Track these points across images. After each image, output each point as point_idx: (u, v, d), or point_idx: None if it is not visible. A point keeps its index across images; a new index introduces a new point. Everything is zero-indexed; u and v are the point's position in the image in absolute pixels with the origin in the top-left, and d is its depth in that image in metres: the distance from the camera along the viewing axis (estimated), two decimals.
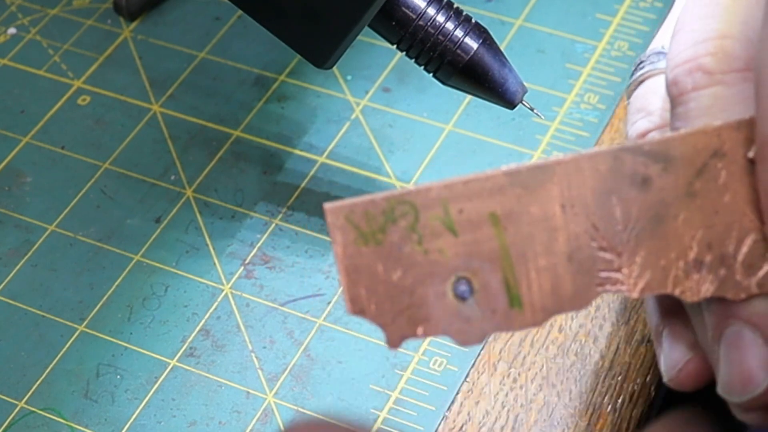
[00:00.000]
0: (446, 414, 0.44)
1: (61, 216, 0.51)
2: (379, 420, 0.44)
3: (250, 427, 0.44)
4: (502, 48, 0.47)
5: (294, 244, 0.50)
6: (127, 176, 0.53)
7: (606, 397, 0.44)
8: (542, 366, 0.45)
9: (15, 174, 0.53)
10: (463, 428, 0.44)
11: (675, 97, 0.34)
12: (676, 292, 0.32)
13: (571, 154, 0.31)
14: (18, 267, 0.50)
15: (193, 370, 0.46)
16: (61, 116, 0.55)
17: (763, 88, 0.30)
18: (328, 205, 0.30)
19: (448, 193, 0.30)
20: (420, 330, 0.31)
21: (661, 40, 0.40)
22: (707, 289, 0.32)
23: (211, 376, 0.46)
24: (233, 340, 0.47)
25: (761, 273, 0.31)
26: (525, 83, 0.46)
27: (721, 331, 0.32)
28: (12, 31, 0.59)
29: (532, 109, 0.47)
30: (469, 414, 0.44)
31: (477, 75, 0.46)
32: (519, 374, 0.45)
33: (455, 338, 0.31)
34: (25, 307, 0.48)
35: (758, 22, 0.32)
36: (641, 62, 0.39)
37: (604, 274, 0.31)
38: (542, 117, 0.49)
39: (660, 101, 0.37)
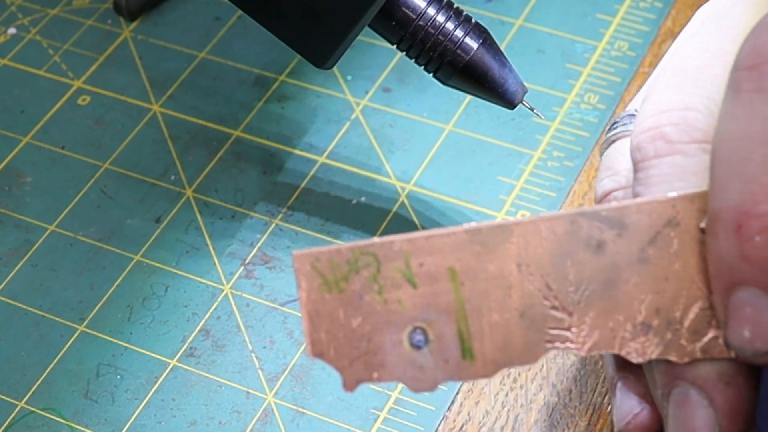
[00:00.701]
0: (446, 414, 0.44)
1: (61, 216, 0.51)
2: (379, 420, 0.44)
3: (250, 427, 0.44)
4: (502, 48, 0.47)
5: (294, 244, 0.50)
6: (127, 176, 0.53)
7: (606, 397, 0.44)
8: (542, 366, 0.45)
9: (15, 174, 0.53)
10: (463, 428, 0.44)
11: (637, 163, 0.35)
12: (623, 353, 0.33)
13: (530, 217, 0.32)
14: (18, 267, 0.50)
15: (193, 370, 0.46)
16: (61, 116, 0.55)
17: (716, 168, 0.31)
18: (296, 252, 0.32)
19: (409, 247, 0.32)
20: (375, 375, 0.32)
21: (636, 103, 0.41)
22: (653, 351, 0.33)
23: (211, 376, 0.46)
24: (233, 340, 0.47)
25: (706, 339, 0.33)
26: (525, 83, 0.46)
27: (669, 390, 0.34)
28: (12, 31, 0.59)
29: (532, 109, 0.47)
30: (469, 414, 0.44)
31: (477, 75, 0.46)
32: (519, 374, 0.45)
33: (408, 385, 0.32)
34: (25, 307, 0.48)
35: (721, 96, 0.33)
36: (615, 123, 0.41)
37: (554, 332, 0.32)
38: (542, 117, 0.49)
39: (626, 162, 0.39)
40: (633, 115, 0.40)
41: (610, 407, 0.43)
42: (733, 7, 0.36)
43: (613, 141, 0.40)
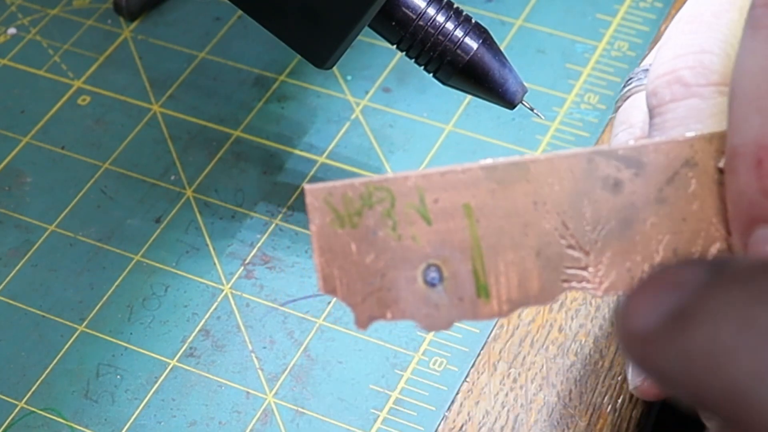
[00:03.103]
0: (446, 414, 0.44)
1: (61, 216, 0.51)
2: (379, 420, 0.44)
3: (250, 427, 0.44)
4: (502, 48, 0.47)
5: (294, 244, 0.50)
6: (127, 176, 0.53)
7: (606, 397, 0.44)
8: (542, 366, 0.45)
9: (15, 174, 0.53)
10: (463, 428, 0.44)
11: (653, 108, 0.35)
12: None
13: (547, 154, 0.32)
14: (18, 267, 0.50)
15: (193, 370, 0.46)
16: (61, 116, 0.55)
17: (735, 104, 0.31)
18: (308, 186, 0.31)
19: (424, 183, 0.31)
20: (388, 312, 0.31)
21: (650, 59, 0.41)
22: None
23: (211, 376, 0.46)
24: (233, 340, 0.47)
25: None
26: (525, 83, 0.46)
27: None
28: (12, 31, 0.59)
29: (532, 109, 0.47)
30: (469, 414, 0.44)
31: (477, 75, 0.46)
32: (519, 374, 0.45)
33: (422, 323, 0.31)
34: (25, 307, 0.48)
35: (737, 39, 0.32)
36: (629, 79, 0.40)
37: (570, 271, 0.32)
38: (542, 117, 0.49)
39: (642, 115, 0.38)
40: (647, 70, 0.39)
41: (610, 407, 0.43)
42: None
43: (627, 97, 0.40)
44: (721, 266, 0.28)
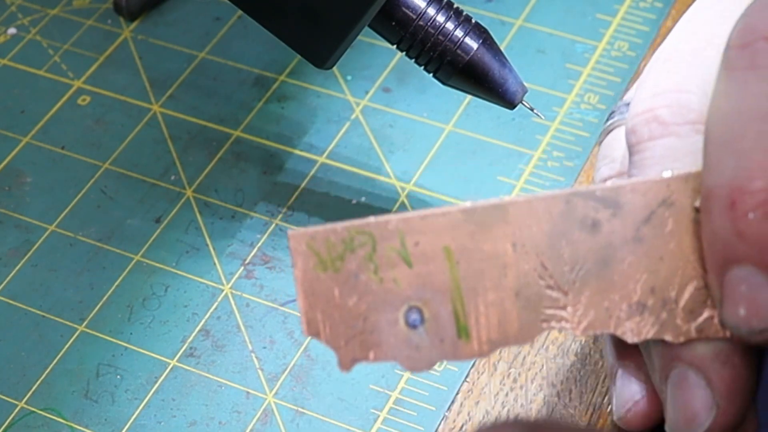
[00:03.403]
0: (446, 414, 0.44)
1: (61, 216, 0.51)
2: (379, 420, 0.44)
3: (250, 427, 0.44)
4: (502, 48, 0.47)
5: None
6: (127, 176, 0.53)
7: (606, 397, 0.44)
8: (542, 366, 0.45)
9: (15, 174, 0.53)
10: (463, 428, 0.44)
11: (632, 146, 0.35)
12: (618, 332, 0.33)
13: (525, 196, 0.32)
14: (18, 267, 0.50)
15: (193, 370, 0.46)
16: (61, 116, 0.55)
17: (710, 146, 0.31)
18: (291, 232, 0.32)
19: (405, 226, 0.32)
20: (371, 354, 0.32)
21: (632, 93, 0.41)
22: (648, 331, 0.33)
23: (211, 376, 0.46)
24: (233, 340, 0.47)
25: (701, 318, 0.33)
26: (525, 83, 0.46)
27: (667, 373, 0.34)
28: (12, 31, 0.59)
29: (532, 109, 0.47)
30: (469, 414, 0.44)
31: (477, 75, 0.46)
32: (519, 374, 0.45)
33: (404, 364, 0.32)
34: (25, 307, 0.48)
35: (714, 78, 0.33)
36: (612, 112, 0.41)
37: (549, 311, 0.32)
38: (542, 117, 0.49)
39: (623, 149, 0.39)
40: (629, 104, 0.40)
41: (610, 407, 0.43)
42: None
43: (610, 130, 0.40)
44: (534, 428, 0.29)
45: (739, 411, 0.33)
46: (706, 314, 0.33)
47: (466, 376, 0.45)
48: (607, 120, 0.41)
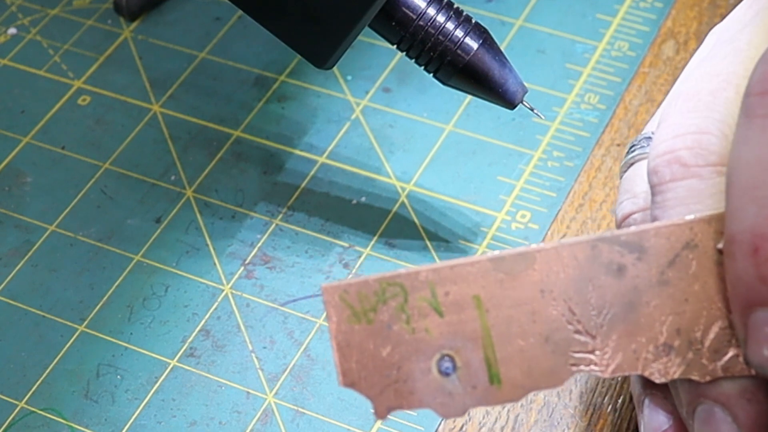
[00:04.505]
0: None
1: (62, 216, 0.51)
2: (379, 420, 0.44)
3: (250, 427, 0.44)
4: (502, 48, 0.47)
5: (294, 245, 0.50)
6: (128, 176, 0.53)
7: (606, 397, 0.44)
8: None
9: (15, 174, 0.53)
10: (463, 428, 0.44)
11: (654, 186, 0.36)
12: (646, 373, 0.34)
13: (552, 243, 0.33)
14: (18, 267, 0.50)
15: (194, 370, 0.46)
16: (61, 116, 0.55)
17: (732, 192, 0.32)
18: (325, 285, 0.33)
19: (435, 277, 0.33)
20: (405, 402, 0.33)
21: (651, 125, 0.42)
22: (675, 371, 0.34)
23: (211, 376, 0.46)
24: (233, 340, 0.47)
25: (726, 357, 0.33)
26: (525, 83, 0.46)
27: (694, 408, 0.35)
28: (12, 31, 0.59)
29: (532, 110, 0.47)
30: (469, 414, 0.44)
31: (477, 75, 0.46)
32: None
33: (438, 411, 0.33)
34: (25, 307, 0.48)
35: (734, 119, 0.34)
36: (633, 146, 0.41)
37: (578, 355, 0.33)
38: (542, 117, 0.49)
39: (644, 185, 0.40)
40: (650, 138, 0.40)
41: (610, 407, 0.43)
42: (743, 29, 0.37)
43: (632, 164, 0.41)
44: None
45: None
46: (731, 353, 0.33)
47: None
48: (628, 153, 0.41)
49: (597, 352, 0.33)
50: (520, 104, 0.46)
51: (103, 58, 0.58)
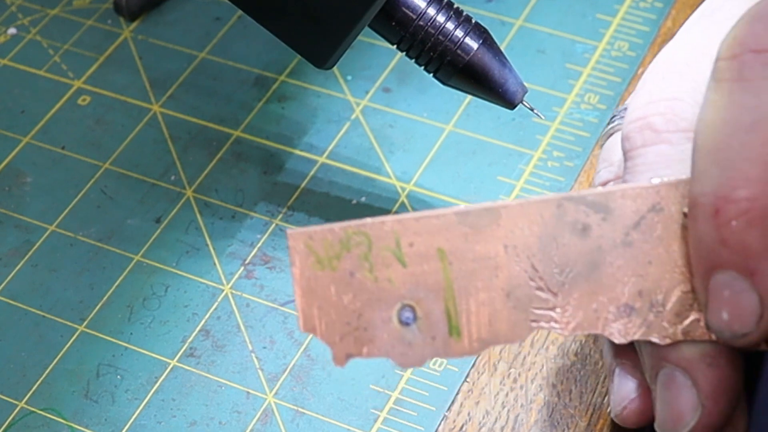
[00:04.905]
0: (446, 414, 0.44)
1: (62, 216, 0.51)
2: (379, 420, 0.44)
3: (250, 427, 0.44)
4: (502, 48, 0.47)
5: None
6: (128, 176, 0.53)
7: (606, 397, 0.44)
8: (542, 366, 0.45)
9: (15, 174, 0.53)
10: (463, 428, 0.44)
11: (626, 152, 0.36)
12: (606, 333, 0.34)
13: (518, 200, 0.33)
14: (18, 267, 0.50)
15: (194, 370, 0.46)
16: (62, 116, 0.55)
17: (697, 155, 0.33)
18: (290, 231, 0.33)
19: (400, 228, 0.33)
20: (365, 350, 0.33)
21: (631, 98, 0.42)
22: (635, 332, 0.34)
23: (211, 376, 0.46)
24: (233, 340, 0.47)
25: (687, 321, 0.34)
26: (525, 83, 0.46)
27: (656, 372, 0.35)
28: (12, 31, 0.59)
29: (532, 110, 0.47)
30: (469, 414, 0.44)
31: (477, 75, 0.46)
32: (519, 374, 0.45)
33: (396, 360, 0.33)
34: (25, 307, 0.48)
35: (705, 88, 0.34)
36: (613, 117, 0.42)
37: (539, 312, 0.33)
38: (542, 117, 0.49)
39: (621, 153, 0.39)
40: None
41: (609, 407, 0.43)
42: (723, 4, 0.37)
43: (611, 134, 0.41)
44: None
45: (723, 412, 0.34)
46: (692, 317, 0.33)
47: (466, 376, 0.45)
48: (608, 124, 0.41)
49: (558, 310, 0.33)
50: (520, 104, 0.46)
51: (103, 58, 0.58)
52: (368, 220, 0.33)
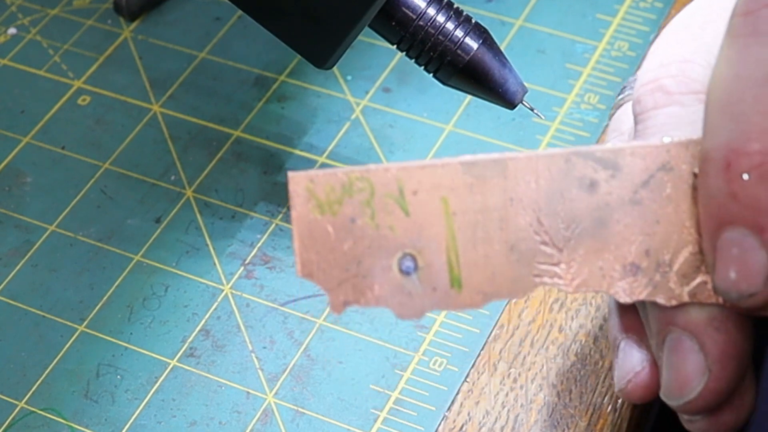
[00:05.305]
0: (446, 414, 0.44)
1: (62, 216, 0.51)
2: (379, 420, 0.44)
3: (250, 427, 0.44)
4: (502, 48, 0.47)
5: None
6: (128, 176, 0.53)
7: (606, 397, 0.44)
8: (542, 366, 0.45)
9: (15, 174, 0.53)
10: (463, 428, 0.44)
11: (637, 115, 0.35)
12: (611, 292, 0.33)
13: (526, 152, 0.33)
14: (18, 267, 0.50)
15: (194, 370, 0.46)
16: (62, 116, 0.55)
17: (709, 110, 0.32)
18: (291, 173, 0.32)
19: (404, 175, 0.32)
20: (362, 298, 0.32)
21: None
22: (641, 292, 0.33)
23: (211, 376, 0.46)
24: (233, 340, 0.47)
25: (694, 283, 0.33)
26: (525, 83, 0.46)
27: (663, 337, 0.34)
28: (12, 31, 0.59)
29: (532, 110, 0.47)
30: (469, 414, 0.44)
31: (477, 75, 0.46)
32: (519, 374, 0.45)
33: (395, 311, 0.32)
34: (25, 307, 0.48)
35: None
36: (624, 87, 0.41)
37: (543, 267, 0.33)
38: (542, 117, 0.49)
39: (631, 122, 0.39)
40: None
41: (610, 407, 0.43)
42: None
43: (621, 104, 0.41)
44: None
45: (731, 377, 0.33)
46: (699, 279, 0.33)
47: (466, 376, 0.45)
48: (619, 95, 0.41)
49: (562, 266, 0.33)
50: (520, 104, 0.46)
51: (103, 58, 0.58)
52: (372, 166, 0.32)
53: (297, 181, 0.32)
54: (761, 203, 0.30)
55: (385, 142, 0.53)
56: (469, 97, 0.51)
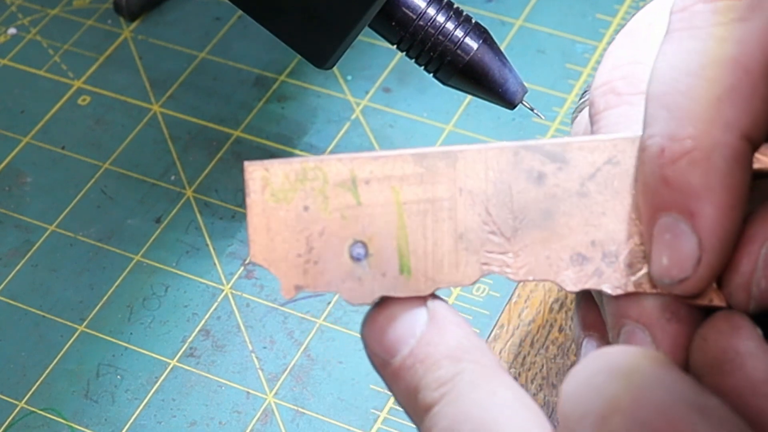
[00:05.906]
0: None
1: (62, 216, 0.51)
2: (379, 420, 0.44)
3: (250, 427, 0.44)
4: (502, 48, 0.47)
5: None
6: (128, 176, 0.53)
7: None
8: (542, 366, 0.45)
9: (15, 174, 0.53)
10: None
11: (592, 117, 0.37)
12: (558, 281, 0.34)
13: (476, 145, 0.34)
14: (18, 267, 0.50)
15: (194, 370, 0.46)
16: (62, 116, 0.55)
17: (648, 104, 0.33)
18: (247, 162, 0.33)
19: (356, 165, 0.34)
20: (313, 283, 0.34)
21: None
22: (586, 281, 0.34)
23: (211, 376, 0.46)
24: (233, 340, 0.47)
25: (639, 274, 0.34)
26: (525, 83, 0.46)
27: (618, 331, 0.35)
28: (12, 31, 0.59)
29: (532, 110, 0.47)
30: None
31: (477, 75, 0.46)
32: (519, 374, 0.45)
33: (345, 296, 0.33)
34: (25, 307, 0.48)
35: None
36: (585, 92, 0.42)
37: (491, 255, 0.34)
38: (542, 117, 0.49)
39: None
40: None
41: None
42: None
43: (581, 110, 0.41)
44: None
45: (683, 367, 0.34)
46: (644, 270, 0.34)
47: None
48: (580, 98, 0.42)
49: (510, 255, 0.34)
50: (520, 104, 0.46)
51: (103, 58, 0.58)
52: (325, 156, 0.34)
53: (253, 169, 0.34)
54: (692, 188, 0.31)
55: (385, 142, 0.53)
56: (469, 97, 0.51)
